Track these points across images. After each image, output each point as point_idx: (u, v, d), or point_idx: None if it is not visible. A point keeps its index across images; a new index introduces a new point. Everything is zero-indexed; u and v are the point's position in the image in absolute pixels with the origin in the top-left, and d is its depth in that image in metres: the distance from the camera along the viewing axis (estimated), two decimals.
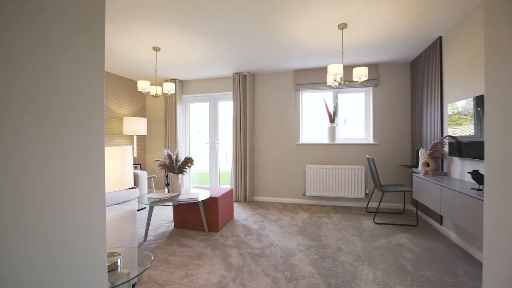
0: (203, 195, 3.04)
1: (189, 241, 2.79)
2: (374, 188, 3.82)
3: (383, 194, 3.32)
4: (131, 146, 1.34)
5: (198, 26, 2.77)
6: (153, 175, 4.57)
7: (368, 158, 3.55)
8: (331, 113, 4.33)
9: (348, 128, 4.45)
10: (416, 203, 3.26)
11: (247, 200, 4.58)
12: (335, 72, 2.52)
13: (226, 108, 5.12)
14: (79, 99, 0.73)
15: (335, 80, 2.60)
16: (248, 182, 4.57)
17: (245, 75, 4.65)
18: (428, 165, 2.84)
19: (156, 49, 3.36)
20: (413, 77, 3.87)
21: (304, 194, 4.45)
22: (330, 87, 4.31)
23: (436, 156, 2.86)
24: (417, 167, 3.37)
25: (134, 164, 4.51)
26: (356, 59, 3.88)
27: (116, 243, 1.70)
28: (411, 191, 3.20)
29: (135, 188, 3.89)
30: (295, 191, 4.51)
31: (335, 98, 4.41)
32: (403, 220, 3.43)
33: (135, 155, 4.62)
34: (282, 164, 4.58)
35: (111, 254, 1.35)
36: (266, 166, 4.67)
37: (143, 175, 4.11)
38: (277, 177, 4.61)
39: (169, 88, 3.40)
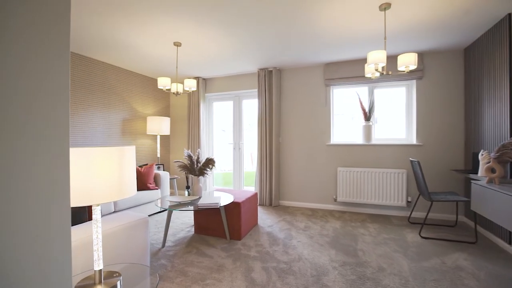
0: (225, 200, 2.80)
1: (209, 250, 2.56)
2: (419, 196, 3.32)
3: (431, 203, 2.84)
4: (133, 146, 1.11)
5: (220, 17, 2.54)
6: (176, 176, 4.46)
7: (412, 162, 3.07)
8: (367, 110, 3.88)
9: (385, 127, 3.96)
10: (474, 216, 2.72)
11: (273, 204, 4.28)
12: (377, 59, 2.14)
13: (251, 107, 4.87)
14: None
15: (376, 70, 2.21)
16: (273, 185, 4.27)
17: (271, 71, 4.35)
18: (493, 171, 2.33)
19: (177, 44, 3.20)
20: (468, 66, 3.30)
21: (335, 200, 4.05)
22: (365, 82, 3.86)
23: (505, 160, 2.34)
24: (475, 173, 2.83)
25: (156, 165, 4.43)
26: (397, 48, 3.40)
27: (124, 256, 1.50)
28: (468, 201, 2.69)
29: (157, 189, 3.78)
30: (325, 196, 4.12)
31: (371, 94, 3.95)
32: (457, 235, 2.90)
33: (159, 155, 4.54)
34: (310, 166, 4.22)
35: (110, 274, 1.14)
36: (293, 168, 4.33)
37: (165, 176, 4.00)
38: (305, 180, 4.25)
39: (190, 85, 3.22)
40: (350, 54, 3.63)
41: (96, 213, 1.07)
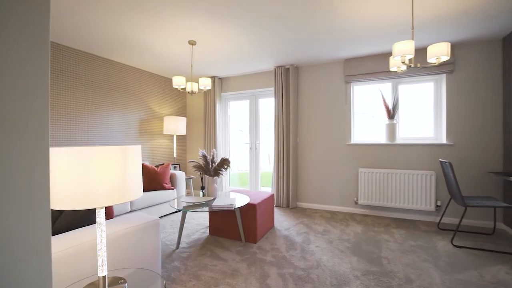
0: (240, 201, 2.72)
1: (224, 253, 2.48)
2: (450, 200, 3.05)
3: (465, 209, 2.58)
4: (139, 146, 1.04)
5: (236, 12, 2.45)
6: (192, 176, 4.45)
7: (442, 163, 2.82)
8: (390, 107, 3.65)
9: (411, 126, 3.69)
10: None
11: (290, 206, 4.15)
12: (403, 51, 1.95)
13: (268, 105, 4.76)
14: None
15: (402, 63, 2.02)
16: (291, 186, 4.13)
17: (288, 68, 4.22)
18: None
19: (192, 43, 3.16)
20: (508, 57, 2.99)
21: (356, 202, 3.84)
22: (389, 77, 3.62)
23: None
24: None
25: (173, 164, 4.44)
26: (424, 40, 3.15)
27: (133, 260, 1.45)
28: (509, 207, 2.41)
29: (173, 189, 3.77)
30: (346, 199, 3.92)
31: (395, 90, 3.70)
32: (496, 245, 2.62)
33: (175, 155, 4.55)
34: (330, 167, 4.03)
35: (115, 281, 1.08)
36: (311, 169, 4.17)
37: (181, 176, 3.99)
38: (324, 181, 4.08)
39: (205, 83, 3.16)
40: (372, 48, 3.42)
41: (100, 216, 1.01)
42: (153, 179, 3.54)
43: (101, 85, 3.67)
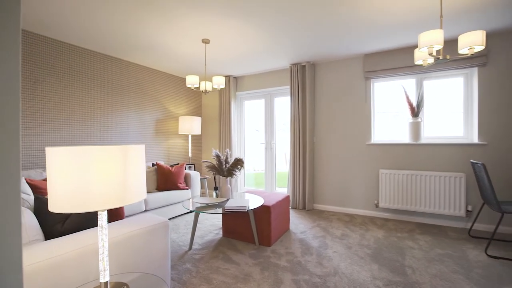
0: (254, 203, 2.63)
1: (237, 256, 2.41)
2: (483, 205, 2.79)
3: (502, 215, 2.33)
4: (142, 146, 0.98)
5: (249, 8, 2.37)
6: (206, 176, 4.43)
7: (474, 164, 2.58)
8: (414, 105, 3.41)
9: (437, 124, 3.43)
10: None
11: (306, 208, 4.01)
12: (431, 41, 1.77)
13: (283, 104, 4.65)
14: None
15: (430, 55, 1.84)
16: (307, 187, 4.00)
17: (304, 66, 4.08)
18: None
19: (206, 41, 3.12)
20: None
21: (376, 206, 3.63)
22: (413, 72, 3.39)
23: None
24: None
25: (188, 164, 4.44)
26: (454, 30, 2.91)
27: (139, 264, 1.41)
28: None
29: (187, 189, 3.76)
30: (365, 201, 3.73)
31: (419, 87, 3.46)
32: None
33: (190, 155, 4.55)
34: (348, 168, 3.85)
35: (118, 286, 1.03)
36: (328, 169, 4.01)
37: (196, 175, 3.97)
38: (342, 182, 3.90)
39: (219, 82, 3.11)
40: (395, 41, 3.21)
41: (102, 219, 0.96)
42: (167, 179, 3.55)
43: (117, 85, 3.73)
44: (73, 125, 3.24)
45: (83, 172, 0.81)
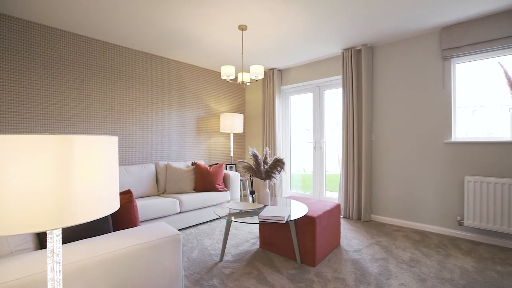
0: (296, 212, 2.20)
1: (272, 275, 2.01)
2: None
3: None
4: (113, 137, 0.67)
5: None
6: (246, 178, 4.13)
7: None
8: None
9: None
10: None
11: (362, 218, 3.37)
12: None
13: (335, 98, 4.06)
14: None
15: None
16: (363, 194, 3.35)
17: (359, 50, 3.45)
18: None
19: (242, 27, 2.80)
20: None
21: (460, 223, 2.80)
22: None
23: None
24: None
25: (228, 164, 4.21)
26: None
27: (142, 286, 1.13)
28: None
29: (226, 190, 3.51)
30: (443, 216, 2.92)
31: None
32: None
33: (231, 155, 4.32)
34: (418, 173, 3.08)
35: None
36: (390, 173, 3.29)
37: (235, 176, 3.70)
38: (408, 190, 3.15)
39: (257, 71, 2.76)
40: (487, 3, 2.38)
41: (52, 241, 0.68)
42: (205, 179, 3.35)
43: (158, 83, 3.70)
44: (116, 124, 3.28)
45: None
